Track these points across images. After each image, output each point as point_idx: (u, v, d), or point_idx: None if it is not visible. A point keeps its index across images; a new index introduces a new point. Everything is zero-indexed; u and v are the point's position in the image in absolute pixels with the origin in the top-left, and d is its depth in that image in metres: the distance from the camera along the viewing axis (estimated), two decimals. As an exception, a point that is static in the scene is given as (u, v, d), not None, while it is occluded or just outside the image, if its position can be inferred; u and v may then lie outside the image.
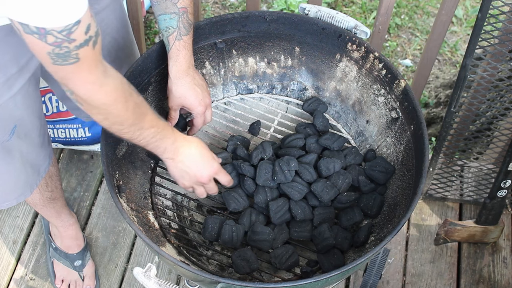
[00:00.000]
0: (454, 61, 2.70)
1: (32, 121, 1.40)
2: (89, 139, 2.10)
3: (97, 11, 1.43)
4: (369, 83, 1.55)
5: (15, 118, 1.33)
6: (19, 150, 1.41)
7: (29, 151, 1.45)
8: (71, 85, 1.02)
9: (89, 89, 1.03)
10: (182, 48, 1.39)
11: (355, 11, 2.83)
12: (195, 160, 1.32)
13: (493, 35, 1.51)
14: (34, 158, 1.49)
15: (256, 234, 1.41)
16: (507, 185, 1.76)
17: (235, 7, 2.85)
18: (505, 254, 1.98)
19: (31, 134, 1.43)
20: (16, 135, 1.36)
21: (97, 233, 2.02)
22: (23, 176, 1.50)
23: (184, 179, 1.35)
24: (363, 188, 1.49)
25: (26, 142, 1.42)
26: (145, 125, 1.17)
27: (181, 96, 1.43)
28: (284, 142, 1.56)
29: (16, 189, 1.52)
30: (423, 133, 1.37)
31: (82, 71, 0.99)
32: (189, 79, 1.42)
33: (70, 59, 0.95)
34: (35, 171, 1.53)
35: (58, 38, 0.91)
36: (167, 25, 1.37)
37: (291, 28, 1.57)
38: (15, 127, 1.34)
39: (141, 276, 1.20)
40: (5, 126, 1.33)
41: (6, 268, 1.95)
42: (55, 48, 0.93)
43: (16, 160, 1.43)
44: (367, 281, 1.64)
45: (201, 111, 1.46)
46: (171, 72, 1.41)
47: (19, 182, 1.51)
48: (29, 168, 1.50)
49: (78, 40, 0.94)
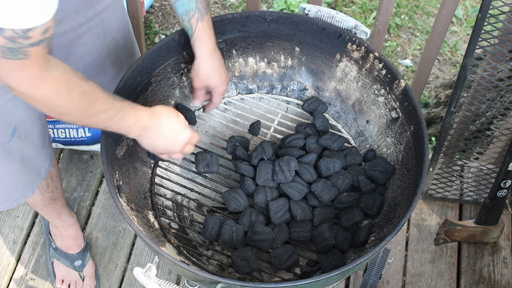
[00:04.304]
0: (454, 61, 2.70)
1: (32, 122, 1.40)
2: (89, 139, 2.10)
3: (97, 12, 1.43)
4: (369, 83, 1.55)
5: (15, 119, 1.33)
6: (19, 152, 1.41)
7: (29, 152, 1.45)
8: (11, 79, 0.98)
9: (31, 85, 1.00)
10: (206, 28, 1.39)
11: (355, 11, 2.83)
12: (164, 136, 1.28)
13: (493, 35, 1.51)
14: (35, 159, 1.49)
15: (256, 234, 1.41)
16: (507, 185, 1.76)
17: (235, 7, 2.85)
18: (505, 254, 1.98)
19: (31, 135, 1.42)
20: (16, 137, 1.36)
21: (97, 233, 2.02)
22: (23, 177, 1.49)
23: (156, 151, 1.33)
24: (363, 188, 1.49)
25: (27, 143, 1.42)
26: (97, 111, 1.13)
27: (209, 78, 1.44)
28: (284, 142, 1.56)
29: (16, 191, 1.52)
30: (423, 133, 1.37)
31: (26, 67, 0.97)
32: (216, 60, 1.43)
33: (20, 55, 0.93)
34: (35, 172, 1.53)
35: (16, 33, 0.90)
36: (186, 9, 1.36)
37: (291, 28, 1.57)
38: (15, 129, 1.34)
39: (141, 276, 1.20)
40: (5, 128, 1.32)
41: (6, 268, 1.95)
42: (9, 42, 0.91)
43: (16, 161, 1.42)
44: (367, 281, 1.64)
45: (223, 90, 1.48)
46: (199, 54, 1.41)
47: (19, 184, 1.51)
48: (30, 169, 1.50)
49: (34, 38, 0.93)
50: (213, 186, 1.57)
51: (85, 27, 1.43)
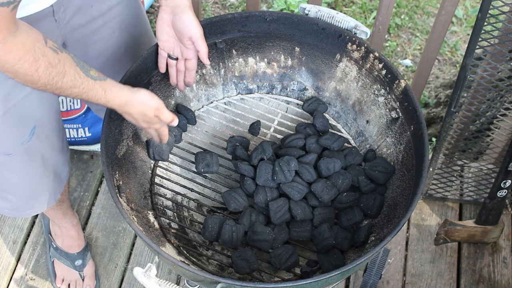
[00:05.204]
0: (454, 61, 2.70)
1: (50, 123, 1.41)
2: (89, 139, 2.10)
3: (110, 6, 1.42)
4: (369, 83, 1.55)
5: (34, 118, 1.34)
6: (40, 153, 1.42)
7: (50, 155, 1.46)
8: None
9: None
10: None
11: (355, 11, 2.83)
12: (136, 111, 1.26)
13: (493, 35, 1.51)
14: (55, 163, 1.50)
15: (256, 234, 1.41)
16: (507, 185, 1.76)
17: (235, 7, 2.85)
18: (505, 254, 1.98)
19: (50, 137, 1.44)
20: (36, 137, 1.37)
21: (97, 233, 2.02)
22: (46, 181, 1.51)
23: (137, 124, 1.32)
24: (363, 188, 1.49)
25: (46, 145, 1.44)
26: (64, 86, 1.11)
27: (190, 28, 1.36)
28: (284, 142, 1.56)
29: (40, 196, 1.54)
30: (423, 133, 1.37)
31: None
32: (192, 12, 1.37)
33: None
34: (56, 177, 1.54)
35: None
36: None
37: (291, 28, 1.57)
38: (34, 128, 1.35)
39: (141, 276, 1.20)
40: (24, 126, 1.34)
41: (6, 268, 1.95)
42: None
43: (38, 163, 1.44)
44: (367, 281, 1.64)
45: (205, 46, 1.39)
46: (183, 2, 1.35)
47: (44, 189, 1.53)
48: (52, 175, 1.51)
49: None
50: (213, 186, 1.57)
51: (100, 21, 1.42)
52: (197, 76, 1.62)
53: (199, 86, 1.64)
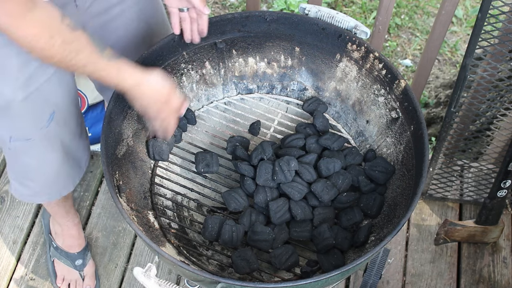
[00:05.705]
0: (454, 61, 2.70)
1: (69, 108, 1.42)
2: (89, 139, 2.10)
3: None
4: (369, 83, 1.55)
5: (53, 103, 1.35)
6: (59, 139, 1.43)
7: (68, 140, 1.47)
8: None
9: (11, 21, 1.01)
10: None
11: (355, 11, 2.83)
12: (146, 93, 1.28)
13: (493, 35, 1.51)
14: (74, 149, 1.51)
15: (256, 234, 1.41)
16: (507, 185, 1.76)
17: (235, 7, 2.85)
18: (505, 254, 1.98)
19: (69, 122, 1.45)
20: (55, 122, 1.38)
21: (97, 233, 2.02)
22: (66, 167, 1.52)
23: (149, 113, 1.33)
24: (363, 188, 1.49)
25: (66, 131, 1.44)
26: (77, 63, 1.14)
27: None
28: (284, 142, 1.56)
29: (59, 181, 1.55)
30: (423, 133, 1.37)
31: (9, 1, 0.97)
32: None
33: None
34: (76, 163, 1.55)
35: None
36: None
37: (291, 28, 1.57)
38: (53, 113, 1.36)
39: (141, 276, 1.20)
40: (43, 112, 1.35)
41: (6, 268, 1.95)
42: None
43: (58, 149, 1.45)
44: (367, 281, 1.64)
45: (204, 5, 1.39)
46: None
47: (62, 174, 1.53)
48: (71, 160, 1.52)
49: None
50: (213, 186, 1.57)
51: (118, 8, 1.43)
52: (197, 76, 1.62)
53: (199, 86, 1.64)
